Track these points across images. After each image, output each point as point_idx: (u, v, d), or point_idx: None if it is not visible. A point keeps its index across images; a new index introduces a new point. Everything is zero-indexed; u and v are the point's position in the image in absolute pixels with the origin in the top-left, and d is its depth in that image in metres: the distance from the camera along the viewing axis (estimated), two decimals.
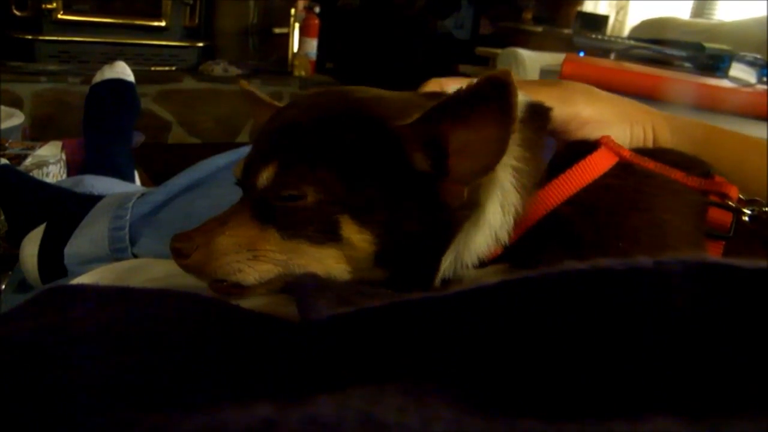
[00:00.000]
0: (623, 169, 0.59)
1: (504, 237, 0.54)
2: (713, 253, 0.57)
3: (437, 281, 0.55)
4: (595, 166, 0.58)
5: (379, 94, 0.57)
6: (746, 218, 0.58)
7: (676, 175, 0.60)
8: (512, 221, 0.54)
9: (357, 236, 0.52)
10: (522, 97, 0.60)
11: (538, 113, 0.60)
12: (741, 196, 0.60)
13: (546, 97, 0.63)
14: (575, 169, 0.57)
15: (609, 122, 0.67)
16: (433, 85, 0.66)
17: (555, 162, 0.59)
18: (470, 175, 0.51)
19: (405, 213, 0.52)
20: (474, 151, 0.49)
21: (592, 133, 0.64)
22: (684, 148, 0.68)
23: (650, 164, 0.60)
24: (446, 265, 0.55)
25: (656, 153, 0.63)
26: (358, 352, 0.32)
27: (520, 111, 0.57)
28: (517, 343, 0.28)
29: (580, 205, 0.56)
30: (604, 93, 0.70)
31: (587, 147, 0.60)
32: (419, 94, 0.61)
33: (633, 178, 0.59)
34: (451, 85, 0.66)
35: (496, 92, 0.45)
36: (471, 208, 0.53)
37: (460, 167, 0.51)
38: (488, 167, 0.50)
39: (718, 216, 0.58)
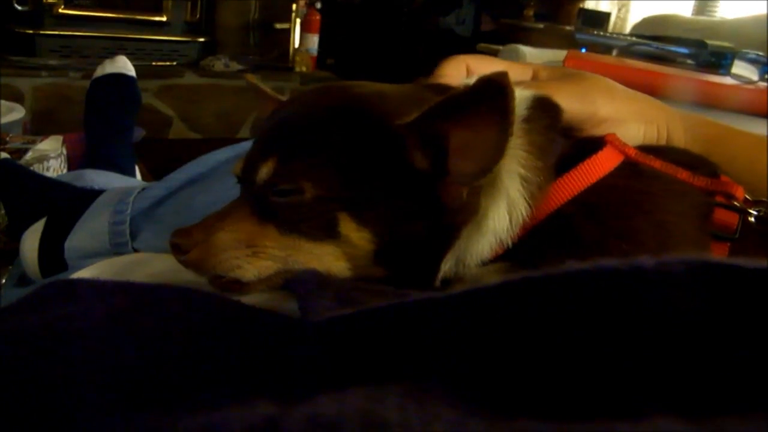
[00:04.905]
0: (628, 168, 0.59)
1: (507, 240, 0.54)
2: (719, 254, 0.57)
3: (437, 281, 0.55)
4: (599, 166, 0.57)
5: (378, 90, 0.57)
6: (752, 219, 0.58)
7: (682, 174, 0.59)
8: (518, 228, 0.54)
9: (355, 234, 0.51)
10: (528, 92, 0.59)
11: (548, 111, 0.59)
12: (747, 197, 0.60)
13: (565, 93, 0.62)
14: (580, 168, 0.56)
15: (625, 121, 0.66)
16: (455, 64, 0.65)
17: (561, 161, 0.58)
18: (469, 175, 0.50)
19: (404, 212, 0.52)
20: (473, 152, 0.49)
21: (608, 131, 0.64)
22: (696, 146, 0.68)
23: (656, 163, 0.59)
24: (447, 267, 0.54)
25: (662, 151, 0.63)
26: (360, 353, 0.32)
27: (525, 108, 0.57)
28: (519, 343, 0.28)
29: (583, 206, 0.55)
30: (623, 89, 0.69)
31: (593, 146, 0.59)
32: (420, 87, 0.60)
33: (638, 179, 0.58)
34: (476, 65, 0.66)
35: (493, 95, 0.45)
36: (471, 212, 0.53)
37: (459, 167, 0.50)
38: (486, 169, 0.49)
39: (724, 217, 0.57)
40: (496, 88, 0.44)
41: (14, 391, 0.32)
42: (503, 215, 0.54)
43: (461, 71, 0.66)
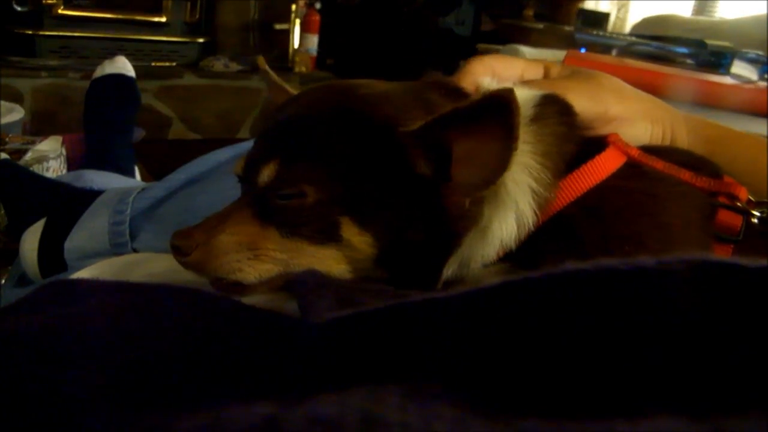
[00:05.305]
0: (631, 169, 0.58)
1: (512, 245, 0.54)
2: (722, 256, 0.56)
3: (439, 284, 0.54)
4: (602, 167, 0.57)
5: (383, 91, 0.56)
6: (755, 220, 0.57)
7: (685, 175, 0.59)
8: (524, 235, 0.54)
9: (357, 238, 0.51)
10: (535, 92, 0.59)
11: (557, 110, 0.59)
12: (750, 198, 0.59)
13: (576, 91, 0.62)
14: (583, 169, 0.56)
15: (634, 120, 0.67)
16: (481, 65, 0.65)
17: (565, 162, 0.58)
18: (471, 186, 0.50)
19: (407, 218, 0.52)
20: (476, 164, 0.49)
21: (617, 130, 0.64)
22: (698, 148, 0.68)
23: (658, 164, 0.59)
24: (449, 272, 0.54)
25: (664, 152, 0.62)
26: (360, 353, 0.32)
27: (532, 106, 0.56)
28: (519, 343, 0.28)
29: (585, 207, 0.55)
30: (630, 88, 0.70)
31: (596, 146, 0.59)
32: (426, 87, 0.60)
33: (640, 180, 0.58)
34: (500, 66, 0.66)
35: (499, 111, 0.45)
36: (473, 221, 0.53)
37: (462, 177, 0.50)
38: (489, 182, 0.50)
39: (728, 219, 0.57)
40: (502, 106, 0.45)
41: (14, 391, 0.32)
42: (511, 225, 0.53)
43: (486, 72, 0.66)
